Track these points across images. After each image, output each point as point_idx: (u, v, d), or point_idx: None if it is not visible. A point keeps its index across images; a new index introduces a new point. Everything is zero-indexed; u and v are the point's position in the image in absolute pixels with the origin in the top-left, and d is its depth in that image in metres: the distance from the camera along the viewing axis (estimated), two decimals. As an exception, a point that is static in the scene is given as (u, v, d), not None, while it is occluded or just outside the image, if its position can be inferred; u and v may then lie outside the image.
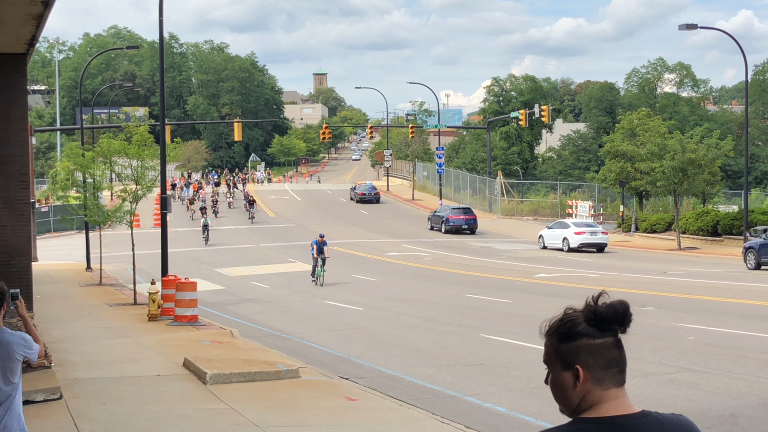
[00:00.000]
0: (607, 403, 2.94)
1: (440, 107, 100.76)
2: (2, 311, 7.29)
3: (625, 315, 2.97)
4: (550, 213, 74.27)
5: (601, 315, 2.96)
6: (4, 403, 7.24)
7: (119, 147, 30.29)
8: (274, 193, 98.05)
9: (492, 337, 21.35)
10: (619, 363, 2.96)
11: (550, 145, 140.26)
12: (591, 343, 2.94)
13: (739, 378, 15.61)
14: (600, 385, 2.94)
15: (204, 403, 14.15)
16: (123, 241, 43.16)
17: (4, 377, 7.23)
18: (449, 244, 54.48)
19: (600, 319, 2.96)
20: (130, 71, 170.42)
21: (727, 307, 25.39)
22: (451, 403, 14.61)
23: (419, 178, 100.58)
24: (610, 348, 2.95)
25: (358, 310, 28.03)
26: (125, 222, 30.78)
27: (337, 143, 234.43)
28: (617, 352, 2.96)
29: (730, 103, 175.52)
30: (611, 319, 2.96)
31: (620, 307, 2.98)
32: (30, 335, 7.52)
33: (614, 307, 2.98)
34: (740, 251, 45.25)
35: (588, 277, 35.75)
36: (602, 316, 2.96)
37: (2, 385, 7.22)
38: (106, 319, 25.42)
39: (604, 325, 2.96)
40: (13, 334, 7.34)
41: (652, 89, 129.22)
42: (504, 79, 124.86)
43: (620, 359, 2.97)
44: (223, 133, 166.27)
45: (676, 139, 52.07)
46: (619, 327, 2.97)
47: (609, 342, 2.95)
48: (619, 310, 2.97)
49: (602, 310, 2.97)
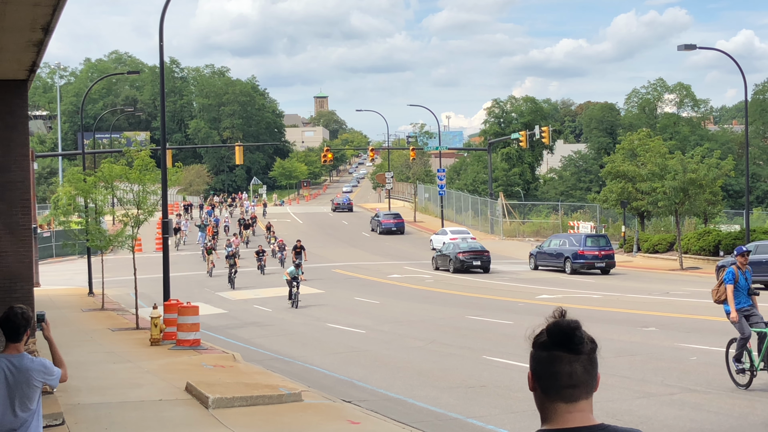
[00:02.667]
0: (563, 416, 3.06)
1: (441, 129, 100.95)
2: (26, 337, 7.31)
3: (566, 334, 3.07)
4: (552, 234, 74.20)
5: (547, 330, 3.11)
6: (19, 429, 7.25)
7: (120, 172, 30.36)
8: (276, 216, 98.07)
9: (494, 359, 21.32)
10: (571, 379, 3.05)
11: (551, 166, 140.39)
12: (540, 354, 3.10)
13: (741, 398, 15.59)
14: (547, 397, 3.08)
15: (206, 427, 14.12)
16: (125, 265, 43.16)
17: (21, 404, 7.24)
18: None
19: (547, 333, 3.11)
20: (131, 96, 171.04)
21: (730, 327, 25.29)
22: (454, 426, 14.58)
23: (421, 200, 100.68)
24: (559, 362, 3.05)
25: (360, 333, 27.99)
26: (127, 246, 30.83)
27: (339, 166, 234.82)
28: (569, 368, 3.05)
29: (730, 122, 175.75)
30: (553, 335, 3.08)
31: (565, 326, 3.08)
32: (55, 358, 7.56)
33: (558, 324, 3.10)
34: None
35: (591, 298, 35.71)
36: (547, 331, 3.11)
37: (19, 411, 7.23)
38: (109, 344, 25.41)
39: (549, 339, 3.09)
40: (33, 360, 7.35)
41: (652, 109, 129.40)
42: (504, 100, 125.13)
43: (572, 376, 3.05)
44: (224, 156, 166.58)
45: (677, 159, 52.11)
46: (565, 345, 3.06)
47: (558, 356, 3.06)
48: (562, 328, 3.08)
49: (549, 326, 3.11)
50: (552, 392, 3.07)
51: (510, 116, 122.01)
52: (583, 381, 3.06)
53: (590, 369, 3.08)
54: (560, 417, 3.07)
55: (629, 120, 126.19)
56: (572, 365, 3.05)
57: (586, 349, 3.07)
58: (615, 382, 17.60)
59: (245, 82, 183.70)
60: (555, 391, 3.06)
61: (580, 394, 3.07)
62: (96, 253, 41.43)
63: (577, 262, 50.05)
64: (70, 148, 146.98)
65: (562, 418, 3.07)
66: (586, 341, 3.08)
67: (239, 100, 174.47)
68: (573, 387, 3.06)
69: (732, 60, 49.79)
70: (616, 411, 14.85)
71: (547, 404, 3.09)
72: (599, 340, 12.45)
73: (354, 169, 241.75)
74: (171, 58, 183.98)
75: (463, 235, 64.66)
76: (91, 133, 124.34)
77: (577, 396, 3.07)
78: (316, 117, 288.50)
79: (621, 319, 28.35)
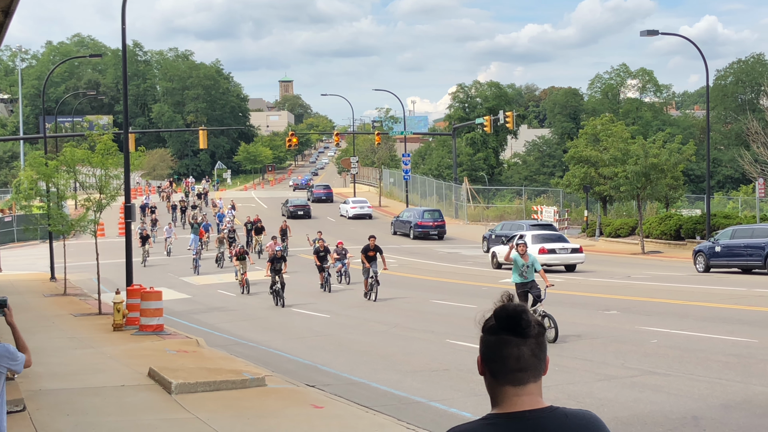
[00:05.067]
0: (511, 399, 3.10)
1: (406, 114, 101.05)
2: None
3: (513, 318, 3.10)
4: (516, 218, 74.58)
5: (494, 314, 3.15)
6: None
7: (83, 156, 30.14)
8: (241, 201, 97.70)
9: (458, 342, 21.43)
10: (518, 363, 3.08)
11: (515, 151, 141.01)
12: (488, 339, 3.13)
13: (701, 380, 15.78)
14: (496, 380, 3.12)
15: (169, 413, 14.10)
16: (87, 250, 42.85)
17: None
18: (416, 251, 54.59)
19: (494, 317, 3.14)
20: (93, 79, 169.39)
21: (690, 310, 25.65)
22: (417, 409, 14.66)
23: (386, 184, 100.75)
24: (507, 346, 3.09)
25: (324, 318, 28.03)
26: (89, 231, 30.63)
27: (304, 150, 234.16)
28: (517, 351, 3.08)
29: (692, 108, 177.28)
30: (500, 319, 3.12)
31: (512, 310, 3.12)
32: (18, 343, 7.48)
33: (505, 308, 3.13)
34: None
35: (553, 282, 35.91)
36: (494, 315, 3.14)
37: None
38: (71, 329, 25.26)
39: (497, 323, 3.12)
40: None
41: (615, 95, 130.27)
42: (469, 85, 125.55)
43: (520, 359, 3.08)
44: (188, 140, 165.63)
45: (639, 144, 52.52)
46: (512, 329, 3.10)
47: (506, 340, 3.09)
48: (509, 312, 3.11)
49: (496, 310, 3.14)
50: (500, 376, 3.10)
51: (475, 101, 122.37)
52: (531, 364, 3.10)
53: (538, 352, 3.11)
54: (509, 400, 3.10)
55: (592, 105, 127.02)
56: (520, 349, 3.08)
57: (533, 333, 3.10)
58: (576, 365, 17.77)
59: (209, 65, 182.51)
60: (503, 375, 3.10)
61: (528, 378, 3.10)
62: (58, 237, 41.08)
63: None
64: (32, 131, 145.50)
65: (511, 402, 3.10)
66: (533, 325, 3.10)
67: (203, 83, 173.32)
68: (521, 370, 3.09)
69: (694, 46, 50.19)
70: (576, 393, 14.99)
71: (496, 388, 3.13)
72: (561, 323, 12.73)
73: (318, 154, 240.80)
74: (134, 41, 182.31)
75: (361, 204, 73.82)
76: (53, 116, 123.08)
77: (526, 379, 3.10)
78: (281, 101, 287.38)
79: (583, 303, 28.59)
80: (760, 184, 48.80)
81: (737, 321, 23.13)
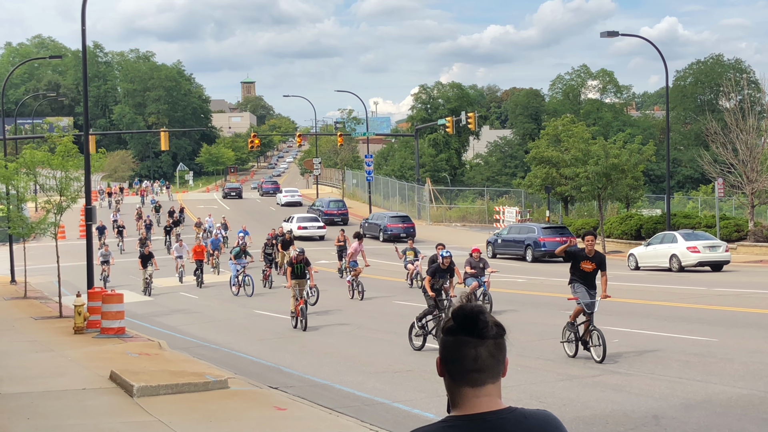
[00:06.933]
0: (470, 401, 3.10)
1: (369, 115, 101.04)
2: None
3: (470, 318, 3.10)
4: (478, 219, 74.98)
5: (452, 315, 3.15)
6: None
7: (43, 158, 29.86)
8: (203, 203, 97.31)
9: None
10: (475, 364, 3.08)
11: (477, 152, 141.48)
12: (447, 339, 3.13)
13: (661, 379, 15.93)
14: (454, 382, 3.12)
15: (131, 416, 14.02)
16: (48, 253, 42.48)
17: None
18: (379, 251, 54.60)
19: (452, 318, 3.14)
20: (54, 81, 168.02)
21: (651, 310, 25.89)
22: (380, 410, 14.68)
23: (349, 185, 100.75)
24: (464, 347, 3.09)
25: (287, 319, 27.98)
26: (50, 234, 30.34)
27: (266, 152, 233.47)
28: (474, 352, 3.08)
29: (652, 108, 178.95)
30: (457, 320, 3.12)
31: (468, 311, 3.12)
32: None
33: (463, 309, 3.14)
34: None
35: (515, 282, 36.14)
36: (452, 316, 3.15)
37: None
38: (31, 332, 25.03)
39: (455, 324, 3.12)
40: None
41: (576, 96, 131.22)
42: (431, 86, 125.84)
43: (477, 360, 3.08)
44: (150, 142, 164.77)
45: (600, 145, 52.94)
46: (469, 330, 3.10)
47: (464, 341, 3.09)
48: (466, 313, 3.12)
49: (453, 311, 3.15)
50: (458, 377, 3.10)
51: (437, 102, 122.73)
52: (488, 365, 3.09)
53: (496, 354, 3.11)
54: (468, 402, 3.10)
55: (554, 106, 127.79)
56: (477, 350, 3.07)
57: (490, 334, 3.09)
58: (538, 365, 17.88)
59: (171, 67, 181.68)
60: (461, 376, 3.09)
61: (486, 379, 3.10)
62: (18, 240, 40.67)
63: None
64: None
65: (469, 403, 3.10)
66: (490, 326, 3.10)
67: (165, 85, 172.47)
68: (478, 371, 3.08)
69: (654, 47, 50.62)
70: (539, 393, 15.08)
71: (454, 389, 3.13)
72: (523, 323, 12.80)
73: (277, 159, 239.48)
74: (95, 42, 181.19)
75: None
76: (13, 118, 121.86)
77: (483, 380, 3.09)
78: (243, 102, 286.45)
79: (545, 303, 28.75)
80: (720, 184, 49.33)
81: (697, 320, 23.38)
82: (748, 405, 13.80)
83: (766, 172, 48.82)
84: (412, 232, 62.74)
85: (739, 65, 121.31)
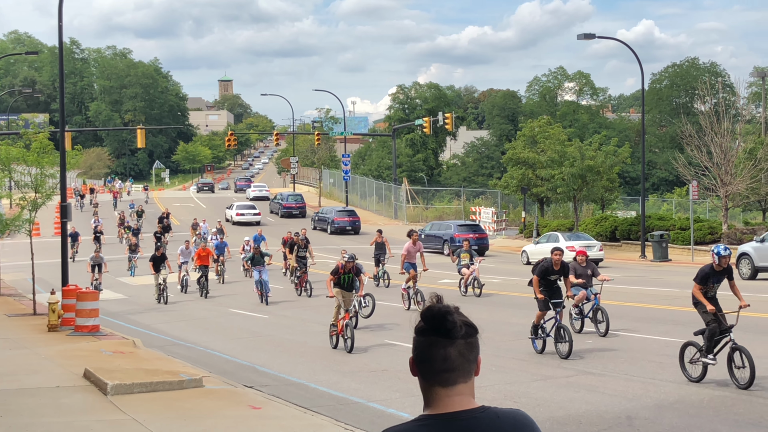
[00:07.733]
0: (442, 400, 3.13)
1: (346, 114, 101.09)
2: None
3: (438, 319, 3.14)
4: (455, 219, 75.11)
5: (421, 316, 3.18)
6: None
7: (18, 154, 29.69)
8: (179, 201, 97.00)
9: (396, 343, 21.52)
10: (445, 363, 3.11)
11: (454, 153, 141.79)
12: (419, 340, 3.17)
13: (635, 380, 16.04)
14: (426, 381, 3.15)
15: (105, 414, 13.98)
16: (23, 250, 42.23)
17: None
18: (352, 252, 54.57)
19: (422, 318, 3.17)
20: (30, 77, 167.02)
21: (625, 311, 26.03)
22: (356, 410, 14.71)
23: (326, 185, 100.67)
24: (435, 347, 3.12)
25: (263, 318, 27.96)
26: (24, 231, 30.15)
27: (243, 150, 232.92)
28: (444, 352, 3.10)
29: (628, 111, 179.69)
30: (427, 320, 3.15)
31: (437, 311, 3.16)
32: None
33: (431, 309, 3.17)
34: (638, 256, 47.46)
35: (491, 283, 36.19)
36: (421, 317, 3.18)
37: None
38: (5, 330, 24.88)
39: (425, 324, 3.15)
40: None
41: (552, 97, 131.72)
42: (409, 86, 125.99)
43: (446, 360, 3.11)
44: (126, 139, 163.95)
45: (576, 147, 53.21)
46: (438, 330, 3.12)
47: (434, 341, 3.12)
48: (434, 313, 3.15)
49: (423, 311, 3.18)
50: (429, 377, 3.13)
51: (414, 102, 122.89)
52: (458, 365, 3.11)
53: (466, 353, 3.13)
54: (440, 401, 3.13)
55: (530, 107, 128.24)
56: (446, 350, 3.10)
57: (459, 334, 3.11)
58: (513, 365, 17.96)
59: (148, 64, 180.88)
60: (432, 376, 3.12)
61: (456, 378, 3.12)
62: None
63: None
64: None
65: (442, 403, 3.13)
66: (459, 326, 3.12)
67: (141, 82, 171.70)
68: (448, 371, 3.11)
69: (630, 50, 50.90)
70: (513, 393, 15.15)
71: (427, 389, 3.16)
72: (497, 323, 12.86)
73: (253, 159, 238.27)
74: (71, 38, 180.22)
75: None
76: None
77: (454, 380, 3.12)
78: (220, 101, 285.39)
79: (520, 303, 28.80)
80: (694, 186, 49.63)
81: (671, 321, 23.55)
82: (720, 406, 13.92)
83: (740, 175, 49.16)
84: (357, 225, 68.56)
85: (714, 69, 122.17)
